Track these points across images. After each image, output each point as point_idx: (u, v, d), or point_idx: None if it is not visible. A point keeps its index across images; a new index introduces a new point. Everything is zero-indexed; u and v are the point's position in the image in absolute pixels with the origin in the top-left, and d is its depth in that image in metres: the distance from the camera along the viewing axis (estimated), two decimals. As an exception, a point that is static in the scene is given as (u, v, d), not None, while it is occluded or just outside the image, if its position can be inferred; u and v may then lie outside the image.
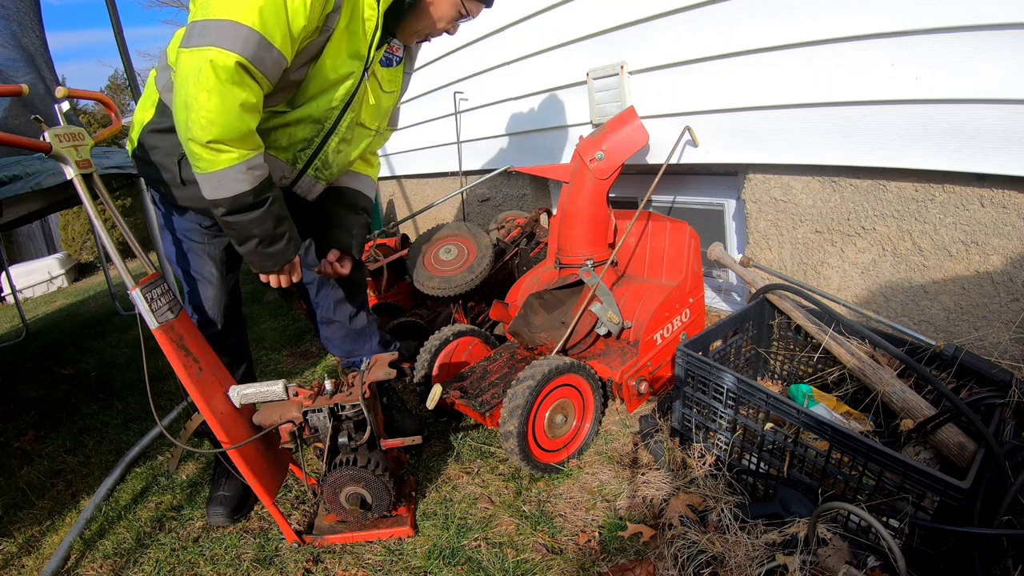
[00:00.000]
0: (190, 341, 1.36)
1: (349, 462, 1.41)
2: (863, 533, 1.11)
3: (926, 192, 1.57)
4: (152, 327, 1.28)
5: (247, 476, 1.40)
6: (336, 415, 1.43)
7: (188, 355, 1.34)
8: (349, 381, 1.47)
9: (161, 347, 1.29)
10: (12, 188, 2.02)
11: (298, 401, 1.42)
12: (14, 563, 1.60)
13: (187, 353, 1.34)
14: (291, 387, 1.43)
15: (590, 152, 1.92)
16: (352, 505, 1.45)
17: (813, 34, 1.63)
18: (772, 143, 1.85)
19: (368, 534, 1.48)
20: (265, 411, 1.45)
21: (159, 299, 1.32)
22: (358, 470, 1.40)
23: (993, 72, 1.33)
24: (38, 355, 3.93)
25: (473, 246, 2.36)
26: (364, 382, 1.42)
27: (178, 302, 1.39)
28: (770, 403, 1.31)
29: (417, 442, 1.45)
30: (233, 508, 1.63)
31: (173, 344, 1.30)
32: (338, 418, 1.43)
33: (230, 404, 1.42)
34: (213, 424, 1.35)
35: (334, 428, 1.43)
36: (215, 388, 1.39)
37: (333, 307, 1.83)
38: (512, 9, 2.67)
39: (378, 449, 1.46)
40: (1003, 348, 1.49)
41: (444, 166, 3.76)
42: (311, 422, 1.43)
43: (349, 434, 1.44)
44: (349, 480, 1.41)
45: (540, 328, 1.93)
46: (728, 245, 2.28)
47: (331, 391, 1.43)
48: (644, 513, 1.41)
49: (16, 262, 8.30)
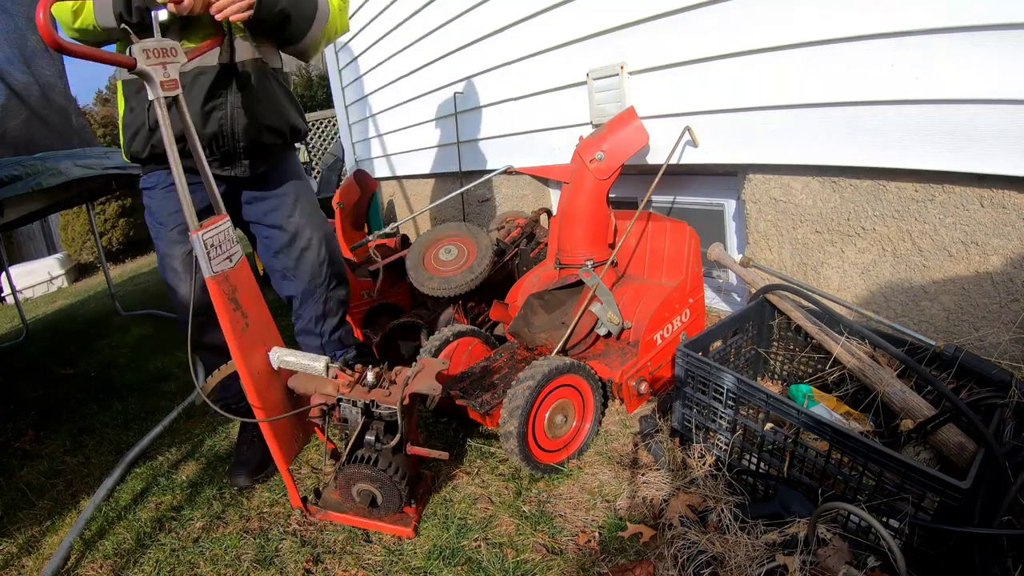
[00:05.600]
0: (243, 294, 1.32)
1: (370, 460, 1.36)
2: (863, 533, 1.11)
3: (926, 192, 1.57)
4: (206, 275, 1.24)
5: (268, 439, 1.39)
6: (369, 412, 1.38)
7: (237, 308, 1.29)
8: (391, 378, 1.41)
9: (211, 296, 1.26)
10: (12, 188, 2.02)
11: (336, 383, 1.37)
12: (14, 563, 1.60)
13: (236, 306, 1.29)
14: (333, 367, 1.37)
15: (590, 152, 1.93)
16: (362, 500, 1.42)
17: (813, 34, 1.63)
18: (772, 143, 1.85)
19: (369, 523, 1.48)
20: (302, 379, 1.41)
21: (219, 246, 1.25)
22: (377, 471, 1.35)
23: (993, 72, 1.33)
24: (38, 355, 3.93)
25: (473, 246, 2.36)
26: (406, 391, 1.35)
27: (239, 250, 1.34)
28: (770, 403, 1.31)
29: (444, 457, 1.40)
30: (255, 468, 1.73)
31: (225, 296, 1.26)
32: (370, 415, 1.38)
33: (268, 365, 1.38)
34: (246, 381, 1.31)
35: (364, 425, 1.38)
36: (257, 346, 1.35)
37: (314, 321, 1.88)
38: (512, 9, 2.67)
39: (402, 453, 1.42)
40: (1003, 348, 1.49)
41: (444, 166, 3.76)
42: (342, 411, 1.38)
43: (378, 435, 1.39)
44: (365, 478, 1.38)
45: (540, 328, 1.93)
46: (728, 245, 2.28)
47: (371, 383, 1.37)
48: (644, 513, 1.41)
49: (16, 262, 8.30)
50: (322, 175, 6.26)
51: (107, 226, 8.40)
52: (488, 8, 2.85)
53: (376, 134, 4.70)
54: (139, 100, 1.58)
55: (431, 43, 3.46)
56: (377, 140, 4.74)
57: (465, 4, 2.99)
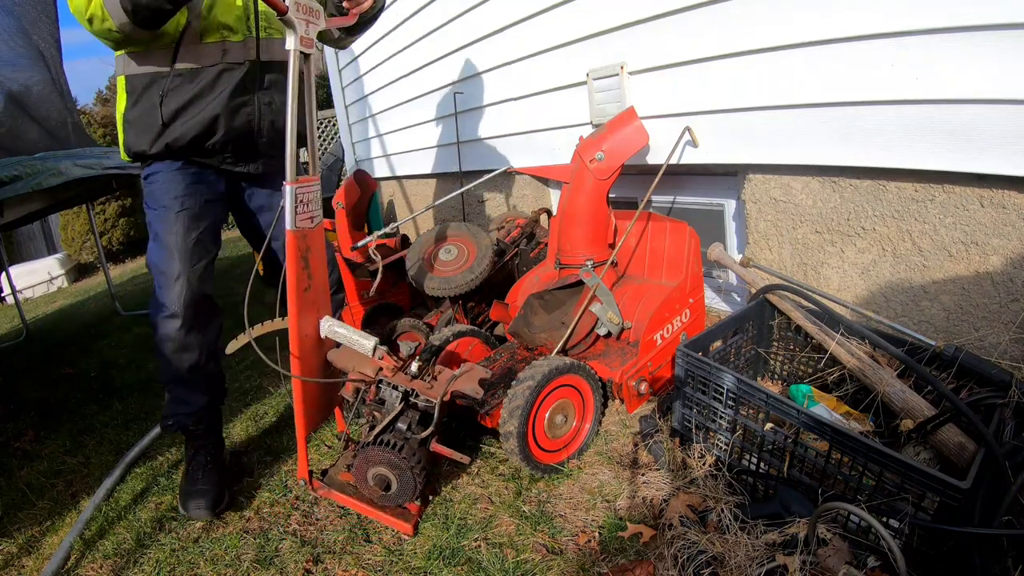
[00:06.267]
0: (314, 257, 1.36)
1: (395, 446, 1.36)
2: (863, 533, 1.11)
3: (926, 192, 1.57)
4: (288, 228, 1.29)
5: (296, 403, 1.41)
6: (407, 400, 1.39)
7: (305, 268, 1.34)
8: (435, 372, 1.43)
9: (287, 249, 1.30)
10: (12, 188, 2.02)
11: (378, 365, 1.39)
12: (14, 563, 1.60)
13: (305, 266, 1.34)
14: (381, 350, 1.39)
15: (590, 152, 1.93)
16: (376, 484, 1.42)
17: (813, 34, 1.63)
18: (772, 143, 1.85)
19: (371, 511, 1.48)
20: (344, 353, 1.43)
21: (305, 205, 1.31)
22: (400, 458, 1.35)
23: (993, 72, 1.33)
24: (38, 355, 3.93)
25: (473, 246, 2.36)
26: (449, 387, 1.37)
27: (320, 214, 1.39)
28: (770, 403, 1.31)
29: (465, 461, 1.42)
30: (214, 500, 1.63)
31: (298, 252, 1.31)
32: (408, 403, 1.39)
33: (317, 331, 1.40)
34: (294, 340, 1.35)
35: (400, 411, 1.39)
36: (312, 311, 1.38)
37: None
38: (512, 9, 2.67)
39: (427, 448, 1.43)
40: (1003, 348, 1.49)
41: (444, 166, 3.76)
42: (381, 392, 1.40)
43: (411, 424, 1.40)
44: (386, 463, 1.37)
45: (540, 328, 1.93)
46: (728, 245, 2.28)
47: (414, 373, 1.39)
48: (644, 513, 1.41)
49: (16, 262, 8.31)
50: (322, 175, 6.27)
51: (107, 226, 8.40)
52: (488, 8, 2.85)
53: (376, 134, 4.70)
54: (148, 96, 1.57)
55: (431, 43, 3.46)
56: (377, 140, 4.74)
57: (465, 4, 2.99)
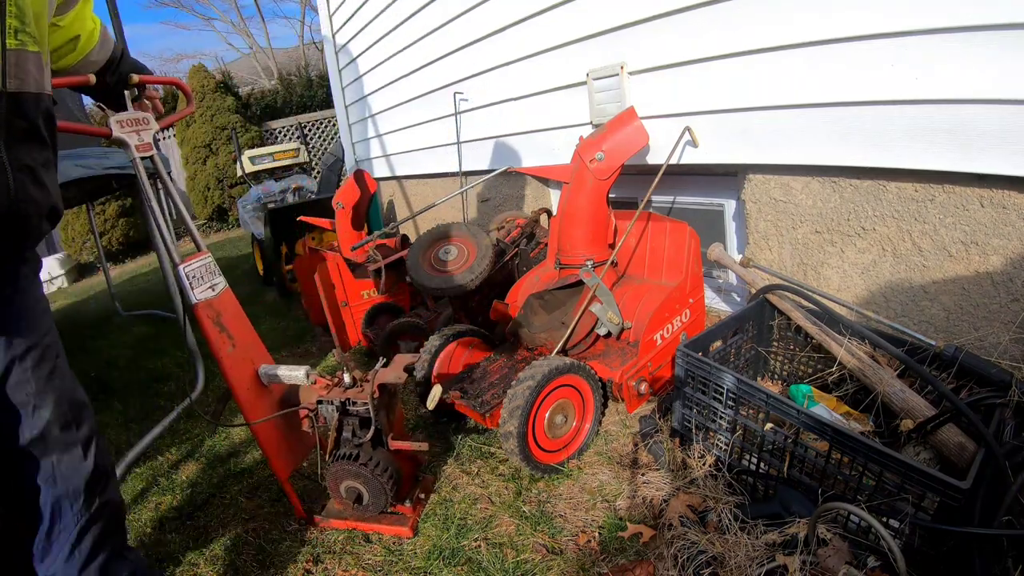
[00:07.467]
0: (227, 319, 1.44)
1: (350, 457, 1.43)
2: (863, 533, 1.11)
3: (926, 192, 1.57)
4: (191, 302, 1.37)
5: (264, 450, 1.47)
6: (345, 410, 1.46)
7: (223, 331, 1.42)
8: (366, 377, 1.51)
9: (199, 321, 1.38)
10: (12, 188, 2.01)
11: (315, 389, 1.47)
12: (14, 563, 1.60)
13: (222, 330, 1.42)
14: (312, 374, 1.48)
15: (590, 152, 1.92)
16: (348, 497, 1.47)
17: (813, 34, 1.63)
18: (772, 143, 1.85)
19: (368, 526, 1.51)
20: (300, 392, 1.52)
21: (201, 277, 1.40)
22: (356, 466, 1.42)
23: (993, 72, 1.33)
24: (38, 355, 3.92)
25: (473, 246, 2.35)
26: (374, 383, 1.45)
27: (222, 281, 1.48)
28: (770, 403, 1.31)
29: (423, 448, 1.47)
30: None
31: (210, 320, 1.39)
32: (346, 412, 1.46)
33: (258, 381, 1.48)
34: (238, 398, 1.42)
35: (339, 422, 1.46)
36: (245, 364, 1.46)
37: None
38: (512, 9, 2.67)
39: (383, 448, 1.47)
40: (1003, 348, 1.49)
41: (444, 166, 3.76)
42: (321, 412, 1.47)
43: (354, 430, 1.47)
44: (347, 475, 1.44)
45: (540, 328, 1.93)
46: (728, 245, 2.28)
47: (348, 384, 1.47)
48: (644, 513, 1.41)
49: (16, 262, 8.27)
50: (322, 175, 6.27)
51: (107, 226, 8.40)
52: (488, 8, 2.85)
53: (376, 134, 4.70)
54: None
55: (431, 43, 3.46)
56: (377, 140, 4.74)
57: (465, 4, 2.99)
